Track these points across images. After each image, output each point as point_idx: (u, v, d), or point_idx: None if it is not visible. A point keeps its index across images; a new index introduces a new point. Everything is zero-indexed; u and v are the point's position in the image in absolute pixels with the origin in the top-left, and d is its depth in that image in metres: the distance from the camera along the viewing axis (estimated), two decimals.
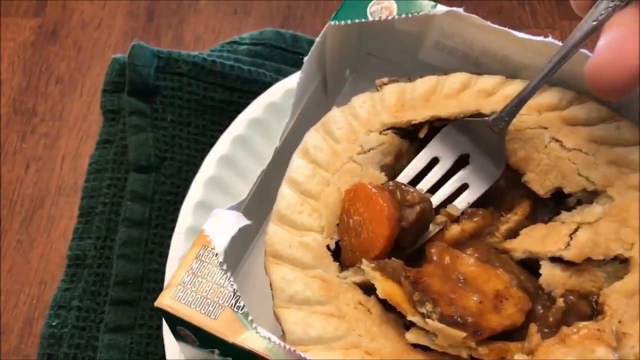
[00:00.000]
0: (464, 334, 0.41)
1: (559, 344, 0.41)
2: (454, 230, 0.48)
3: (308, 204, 0.47)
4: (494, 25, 0.51)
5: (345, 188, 0.47)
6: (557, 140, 0.48)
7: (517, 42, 0.51)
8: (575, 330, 0.41)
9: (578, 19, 0.45)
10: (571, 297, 0.44)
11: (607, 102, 0.50)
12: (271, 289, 0.45)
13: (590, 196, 0.47)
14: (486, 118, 0.48)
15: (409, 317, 0.42)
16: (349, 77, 0.62)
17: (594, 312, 0.43)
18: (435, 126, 0.50)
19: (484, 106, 0.49)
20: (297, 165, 0.48)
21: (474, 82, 0.52)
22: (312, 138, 0.50)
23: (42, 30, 0.78)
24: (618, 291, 0.42)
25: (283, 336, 0.43)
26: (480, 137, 0.48)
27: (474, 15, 0.51)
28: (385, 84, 0.52)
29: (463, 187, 0.49)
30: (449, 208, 0.48)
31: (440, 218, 0.48)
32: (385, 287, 0.43)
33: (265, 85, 0.65)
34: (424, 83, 0.52)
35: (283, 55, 0.72)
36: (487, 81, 0.52)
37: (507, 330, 0.43)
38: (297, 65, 0.71)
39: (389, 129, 0.50)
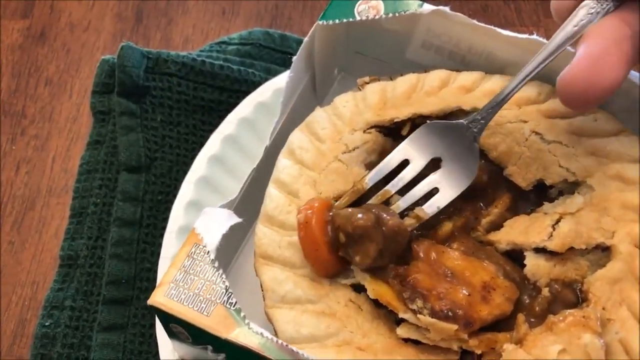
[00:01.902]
0: (455, 327, 0.41)
1: (547, 332, 0.41)
2: (447, 227, 0.48)
3: (296, 204, 0.47)
4: (479, 24, 0.51)
5: (332, 188, 0.48)
6: (537, 133, 0.48)
7: (503, 40, 0.51)
8: (561, 318, 0.41)
9: None
10: (556, 286, 0.44)
11: None
12: (262, 290, 0.45)
13: (571, 187, 0.47)
14: (462, 120, 0.47)
15: (401, 315, 0.43)
16: (337, 76, 0.63)
17: (579, 299, 0.44)
18: (417, 123, 0.50)
19: (464, 102, 0.49)
20: (284, 165, 0.49)
21: (453, 79, 0.52)
22: (297, 139, 0.50)
23: (30, 32, 0.78)
24: (601, 279, 0.43)
25: (275, 336, 0.43)
26: (455, 141, 0.47)
27: (460, 14, 0.52)
28: (367, 83, 0.53)
29: (434, 191, 0.47)
30: (417, 210, 0.46)
31: (408, 220, 0.46)
32: (375, 288, 0.44)
33: (254, 85, 0.66)
34: (405, 81, 0.52)
35: (272, 55, 0.72)
36: (466, 77, 0.52)
37: (497, 320, 0.43)
38: (286, 64, 0.71)
39: (372, 127, 0.50)
